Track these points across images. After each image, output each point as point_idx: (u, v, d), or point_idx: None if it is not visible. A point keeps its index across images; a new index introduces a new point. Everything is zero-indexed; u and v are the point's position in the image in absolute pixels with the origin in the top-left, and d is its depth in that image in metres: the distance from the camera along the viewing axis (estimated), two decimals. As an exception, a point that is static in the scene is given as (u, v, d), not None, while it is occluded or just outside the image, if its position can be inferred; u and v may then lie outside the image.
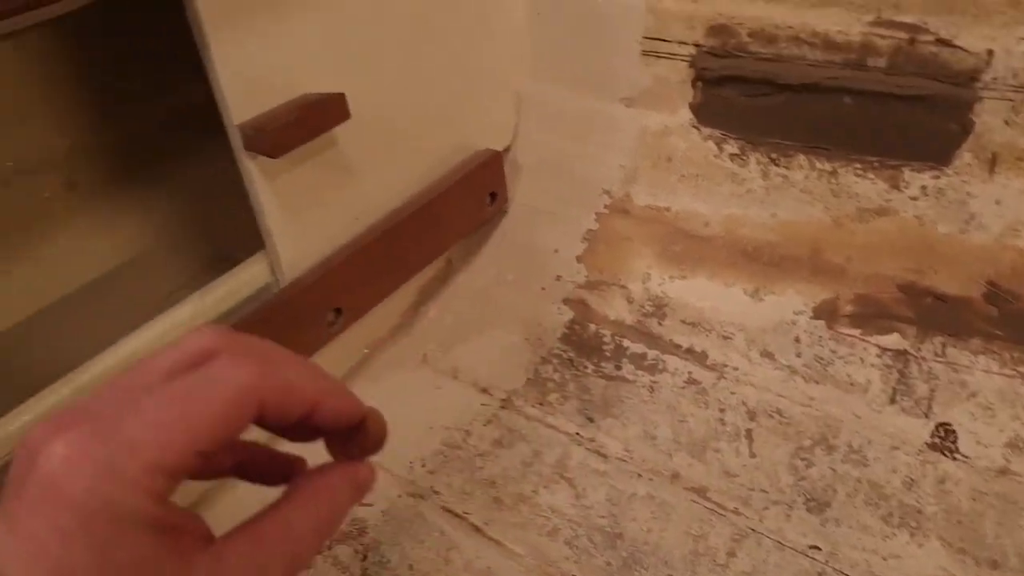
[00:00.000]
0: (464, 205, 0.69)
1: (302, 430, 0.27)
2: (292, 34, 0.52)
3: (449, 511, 0.58)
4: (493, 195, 0.71)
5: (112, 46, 0.68)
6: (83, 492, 0.20)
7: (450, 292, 0.73)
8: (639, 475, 0.58)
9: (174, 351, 0.25)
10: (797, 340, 0.62)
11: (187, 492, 0.49)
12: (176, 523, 0.23)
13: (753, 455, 0.57)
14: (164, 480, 0.22)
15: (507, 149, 0.74)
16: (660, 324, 0.67)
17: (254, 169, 0.53)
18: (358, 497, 0.27)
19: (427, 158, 0.66)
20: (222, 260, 0.80)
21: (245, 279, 0.57)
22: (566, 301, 0.70)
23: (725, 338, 0.64)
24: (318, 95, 0.53)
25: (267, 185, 0.54)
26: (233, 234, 0.81)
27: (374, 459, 0.32)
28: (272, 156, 0.50)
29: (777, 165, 0.64)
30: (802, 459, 0.56)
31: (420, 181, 0.66)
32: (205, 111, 0.79)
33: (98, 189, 0.71)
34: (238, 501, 0.56)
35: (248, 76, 0.50)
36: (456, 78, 0.67)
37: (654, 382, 0.64)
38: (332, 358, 0.63)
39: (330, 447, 0.29)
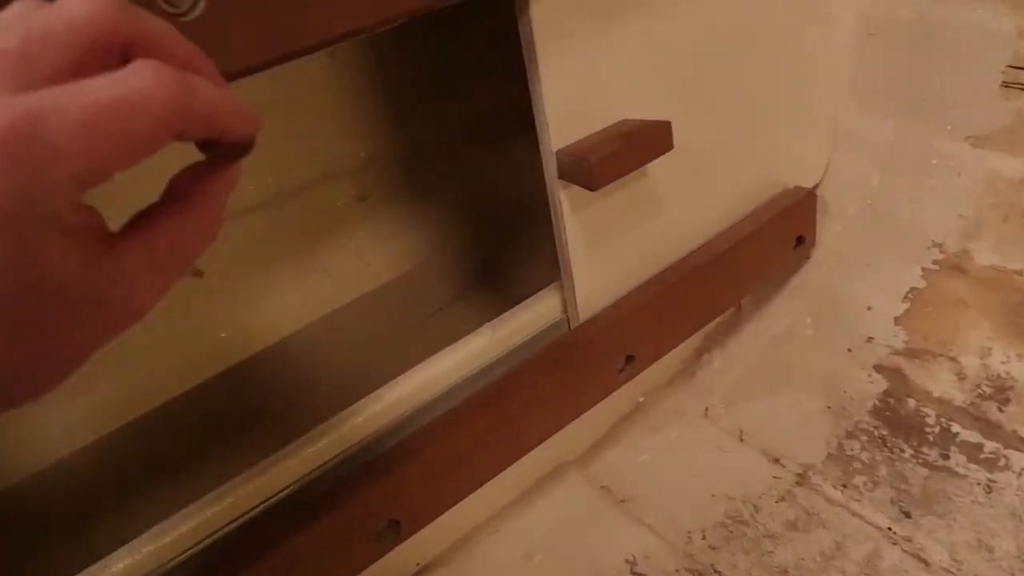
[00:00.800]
0: (769, 248, 0.61)
1: None
2: (619, 56, 0.48)
3: (733, 597, 0.51)
4: (800, 239, 0.63)
5: (417, 55, 0.68)
6: (7, 188, 0.19)
7: (738, 341, 0.66)
8: (973, 594, 0.48)
9: (65, 20, 0.22)
10: None
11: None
12: (84, 223, 0.22)
13: None
14: (82, 189, 0.21)
15: (815, 186, 0.66)
16: (1001, 410, 0.56)
17: (565, 199, 0.49)
18: (229, 194, 0.26)
19: (733, 194, 0.60)
20: (489, 275, 0.78)
21: (537, 313, 0.53)
22: (878, 368, 0.61)
23: (1094, 440, 0.52)
24: (640, 123, 0.48)
25: (575, 216, 0.50)
26: (501, 249, 0.79)
27: None
28: (591, 188, 0.46)
29: None
30: None
31: (724, 219, 0.60)
32: (492, 124, 0.78)
33: (386, 200, 0.71)
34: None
35: (571, 99, 0.46)
36: (771, 107, 0.59)
37: (992, 481, 0.53)
38: (605, 402, 0.58)
39: (204, 148, 0.26)
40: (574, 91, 0.46)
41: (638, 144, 0.47)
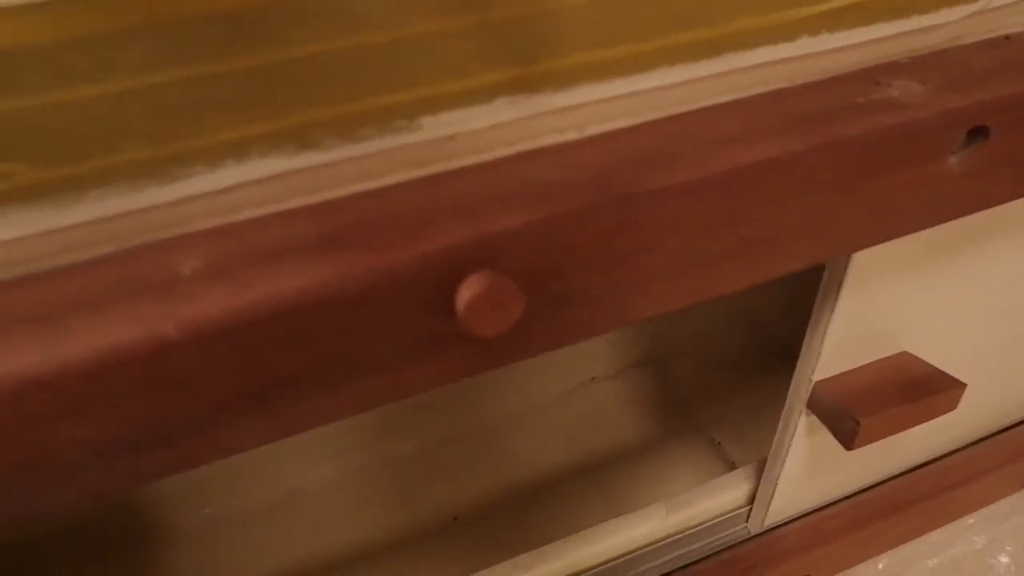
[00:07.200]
0: (994, 476, 0.54)
1: None
2: (918, 294, 0.40)
3: None
4: (1028, 474, 0.55)
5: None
6: None
7: (919, 566, 0.59)
8: None
9: None
10: None
11: None
12: None
13: None
14: None
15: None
16: None
17: (803, 425, 0.42)
18: None
19: (968, 420, 0.52)
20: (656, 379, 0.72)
21: (720, 503, 0.47)
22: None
23: None
24: (924, 370, 0.41)
25: (805, 440, 0.43)
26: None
27: None
28: (846, 448, 0.39)
29: None
30: None
31: (950, 444, 0.52)
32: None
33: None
34: None
35: (854, 330, 0.39)
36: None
37: None
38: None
39: None
40: (860, 323, 0.39)
41: (916, 401, 0.39)
